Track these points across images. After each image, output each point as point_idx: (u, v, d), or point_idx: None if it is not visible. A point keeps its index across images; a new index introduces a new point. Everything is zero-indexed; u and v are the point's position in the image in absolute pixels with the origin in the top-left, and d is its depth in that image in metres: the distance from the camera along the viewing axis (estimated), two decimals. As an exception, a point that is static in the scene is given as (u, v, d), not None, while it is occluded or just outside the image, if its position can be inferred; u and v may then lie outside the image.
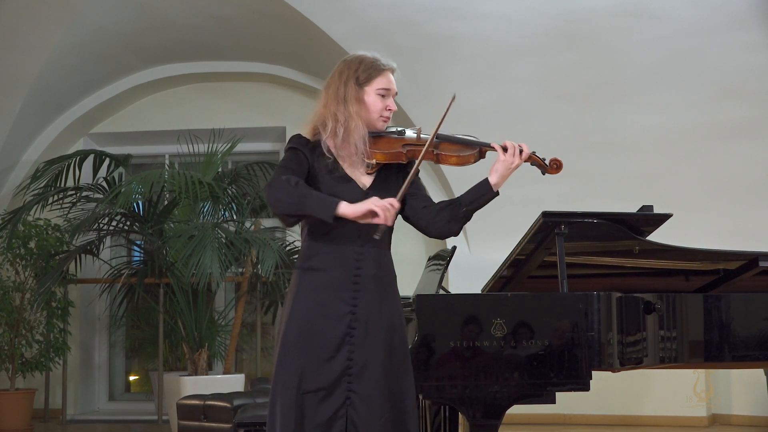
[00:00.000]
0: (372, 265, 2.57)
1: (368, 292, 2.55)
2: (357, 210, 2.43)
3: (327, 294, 2.53)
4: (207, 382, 5.80)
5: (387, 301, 2.58)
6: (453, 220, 2.62)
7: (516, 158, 2.59)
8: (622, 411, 6.52)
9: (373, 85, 2.61)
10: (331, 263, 2.55)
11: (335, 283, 2.54)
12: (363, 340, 2.52)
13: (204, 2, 6.39)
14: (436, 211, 2.64)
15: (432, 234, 2.68)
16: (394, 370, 2.54)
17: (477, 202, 2.62)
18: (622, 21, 5.76)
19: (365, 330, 2.53)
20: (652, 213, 3.37)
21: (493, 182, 2.60)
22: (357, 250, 2.55)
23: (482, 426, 2.93)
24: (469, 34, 5.99)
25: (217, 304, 7.26)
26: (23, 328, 6.63)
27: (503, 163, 2.59)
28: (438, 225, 2.64)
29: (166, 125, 7.52)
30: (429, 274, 3.73)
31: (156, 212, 6.33)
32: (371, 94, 2.61)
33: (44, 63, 6.53)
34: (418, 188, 2.69)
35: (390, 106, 2.64)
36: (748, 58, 5.78)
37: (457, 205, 2.62)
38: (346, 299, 2.53)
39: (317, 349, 2.50)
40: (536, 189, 6.42)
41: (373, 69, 2.62)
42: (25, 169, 7.26)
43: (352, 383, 2.50)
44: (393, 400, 2.53)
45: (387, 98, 2.63)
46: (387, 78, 2.64)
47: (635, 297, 3.16)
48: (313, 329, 2.52)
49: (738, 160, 6.19)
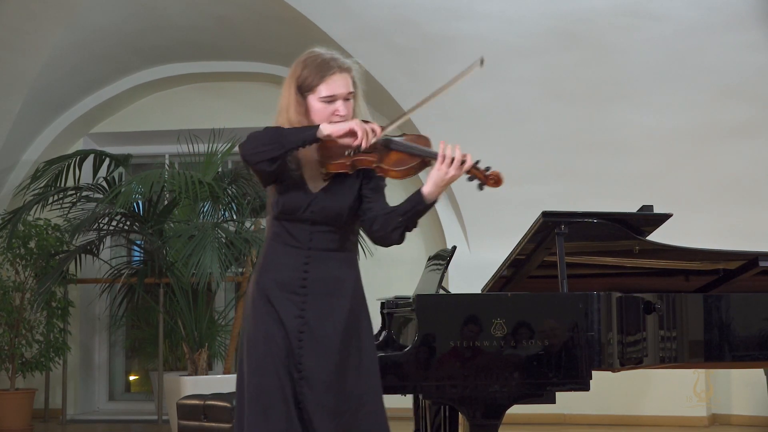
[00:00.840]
0: (322, 269, 2.53)
1: (317, 295, 2.51)
2: (339, 127, 2.42)
3: (279, 297, 2.52)
4: (207, 382, 5.80)
5: (340, 305, 2.53)
6: (391, 230, 2.52)
7: (452, 170, 2.46)
8: (622, 411, 6.52)
9: (315, 93, 2.52)
10: (282, 266, 2.54)
11: (285, 286, 2.52)
12: (312, 345, 2.48)
13: (204, 2, 6.39)
14: (377, 219, 2.54)
15: (373, 241, 2.60)
16: (351, 374, 2.50)
17: (410, 213, 2.50)
18: (622, 21, 5.76)
19: (314, 334, 2.49)
20: (652, 213, 3.37)
21: (426, 192, 2.48)
22: (306, 254, 2.53)
23: (482, 426, 2.93)
24: (469, 34, 5.99)
25: (217, 304, 7.26)
26: (23, 328, 6.63)
27: (437, 173, 2.47)
28: (377, 233, 2.55)
29: (166, 125, 7.52)
30: (429, 274, 3.73)
31: (156, 212, 6.33)
32: (315, 102, 2.52)
33: (44, 63, 6.53)
34: (373, 191, 2.58)
35: (338, 111, 2.51)
36: (748, 58, 5.78)
37: (394, 214, 2.52)
38: (295, 302, 2.51)
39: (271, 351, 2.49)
40: (536, 189, 6.43)
41: (315, 76, 2.50)
42: (25, 169, 7.26)
43: (303, 388, 2.47)
44: (350, 403, 2.48)
45: (333, 104, 2.51)
46: (332, 83, 2.50)
47: (635, 297, 3.16)
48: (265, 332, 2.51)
49: (738, 160, 6.19)
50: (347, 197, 2.55)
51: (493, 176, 2.51)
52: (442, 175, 2.47)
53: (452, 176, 2.47)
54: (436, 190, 2.49)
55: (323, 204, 2.53)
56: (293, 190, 2.54)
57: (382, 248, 2.79)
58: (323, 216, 2.53)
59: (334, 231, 2.55)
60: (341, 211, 2.55)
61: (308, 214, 2.53)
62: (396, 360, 2.91)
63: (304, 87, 2.53)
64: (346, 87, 2.53)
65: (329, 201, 2.53)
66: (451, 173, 2.47)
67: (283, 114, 2.57)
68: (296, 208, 2.53)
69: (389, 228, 2.52)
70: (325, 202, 2.53)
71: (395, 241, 2.55)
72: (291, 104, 2.55)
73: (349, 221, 2.58)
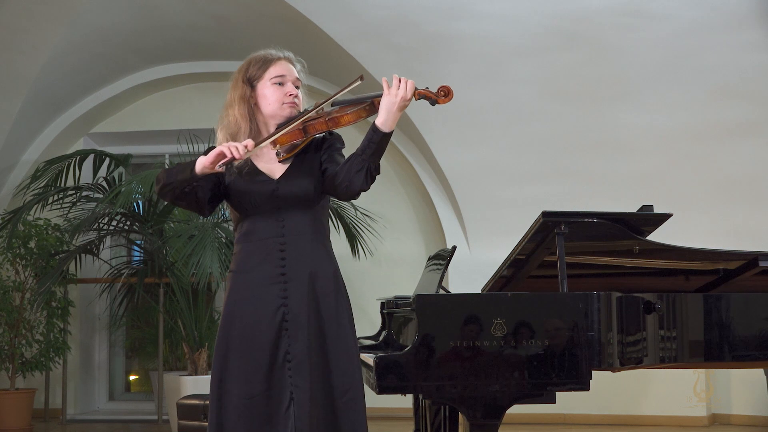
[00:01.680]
0: (299, 255, 2.55)
1: (298, 283, 2.54)
2: (209, 157, 2.46)
3: (258, 292, 2.53)
4: (207, 382, 5.76)
5: (320, 292, 2.56)
6: (354, 173, 2.49)
7: (401, 91, 2.47)
8: (622, 411, 6.52)
9: (264, 78, 2.63)
10: (258, 261, 2.55)
11: (264, 279, 2.54)
12: (297, 331, 2.51)
13: (204, 2, 6.39)
14: (338, 171, 2.54)
15: (340, 195, 2.58)
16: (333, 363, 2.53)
17: (370, 148, 2.49)
18: (622, 21, 5.76)
19: (298, 321, 2.52)
20: (652, 213, 3.37)
21: (380, 122, 2.48)
22: (281, 241, 2.55)
23: (482, 426, 2.93)
24: (469, 33, 5.99)
25: (217, 303, 7.26)
26: (23, 327, 6.63)
27: (388, 98, 2.48)
28: (341, 184, 2.52)
29: (166, 125, 7.52)
30: (429, 274, 3.73)
31: (156, 212, 6.33)
32: (267, 87, 2.62)
33: (44, 63, 6.53)
34: (330, 159, 2.62)
35: (290, 91, 2.63)
36: (748, 58, 5.78)
37: (353, 157, 2.52)
38: (277, 293, 2.53)
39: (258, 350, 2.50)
40: (536, 189, 6.43)
41: (262, 63, 2.64)
42: (25, 168, 7.26)
43: (293, 377, 2.49)
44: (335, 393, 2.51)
45: (285, 85, 2.63)
46: (280, 66, 2.64)
47: (635, 297, 3.16)
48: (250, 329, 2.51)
49: (738, 159, 6.19)
50: (311, 176, 2.59)
51: (442, 90, 2.56)
52: (392, 99, 2.48)
53: (401, 98, 2.47)
54: (389, 116, 2.48)
55: (288, 188, 2.56)
56: (253, 185, 2.57)
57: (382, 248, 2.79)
58: (291, 199, 2.56)
59: (304, 212, 2.58)
60: (307, 191, 2.58)
61: (277, 201, 2.56)
62: (396, 360, 2.90)
63: (252, 78, 2.63)
64: (293, 73, 2.66)
65: (293, 183, 2.56)
66: (401, 95, 2.47)
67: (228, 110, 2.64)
68: (261, 198, 2.56)
69: (352, 172, 2.50)
70: (290, 185, 2.56)
71: (360, 185, 2.51)
72: (236, 97, 2.63)
73: (317, 199, 2.60)
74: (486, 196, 6.49)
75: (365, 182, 2.51)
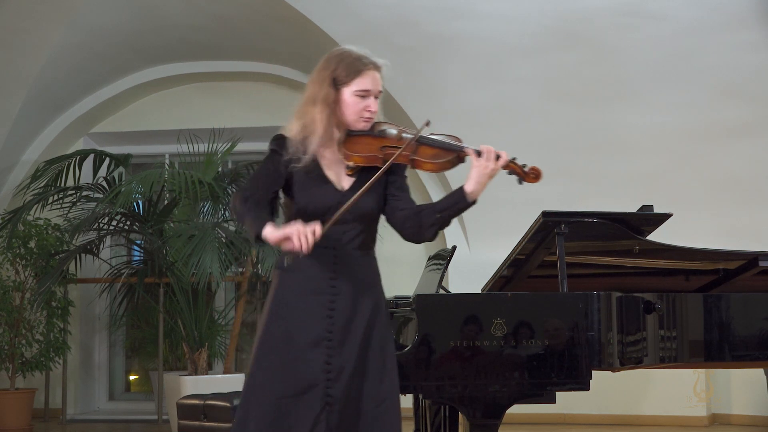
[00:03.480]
0: (350, 268, 2.53)
1: (346, 295, 2.51)
2: (275, 235, 2.39)
3: (305, 296, 2.50)
4: (207, 382, 5.80)
5: (366, 304, 2.53)
6: (426, 227, 2.53)
7: (490, 163, 2.48)
8: (622, 411, 6.52)
9: (351, 86, 2.51)
10: (310, 265, 2.51)
11: (313, 285, 2.50)
12: (341, 344, 2.48)
13: (204, 2, 6.39)
14: (410, 216, 2.55)
15: (406, 238, 2.60)
16: (374, 373, 2.51)
17: (450, 210, 2.52)
18: (622, 21, 5.76)
19: (343, 334, 2.49)
20: (652, 213, 3.37)
21: (469, 190, 2.50)
22: (335, 254, 2.51)
23: (482, 425, 2.93)
24: (469, 33, 5.99)
25: (217, 303, 7.26)
26: (23, 327, 6.63)
27: (477, 169, 2.49)
28: (410, 230, 2.55)
29: (166, 125, 7.52)
30: (429, 274, 3.73)
31: (156, 212, 6.33)
32: (349, 95, 2.52)
33: (44, 63, 6.53)
34: (400, 189, 2.61)
35: (369, 107, 2.53)
36: (748, 58, 5.78)
37: (431, 211, 2.53)
38: (323, 302, 2.50)
39: (295, 352, 2.47)
40: (536, 189, 6.42)
41: (352, 69, 2.51)
42: (25, 168, 7.26)
43: (330, 387, 2.46)
44: (372, 403, 2.49)
45: (366, 99, 2.53)
46: (367, 78, 2.52)
47: (635, 297, 3.16)
48: (292, 332, 2.49)
49: (738, 160, 6.19)
50: (375, 195, 2.54)
51: (532, 172, 2.57)
52: (482, 170, 2.50)
53: (491, 170, 2.50)
54: (478, 187, 2.51)
55: (357, 201, 2.48)
56: (319, 190, 2.52)
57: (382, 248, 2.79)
58: (354, 214, 2.51)
59: (362, 230, 2.55)
60: (372, 209, 2.55)
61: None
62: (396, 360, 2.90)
63: (339, 80, 2.52)
64: (378, 85, 2.55)
65: (362, 197, 2.47)
66: (490, 167, 2.50)
67: (309, 107, 2.54)
68: (326, 207, 2.49)
69: (425, 225, 2.53)
70: (359, 199, 2.48)
71: (428, 238, 2.56)
72: (320, 96, 2.52)
73: (376, 219, 2.59)
74: (486, 196, 6.43)
75: (433, 236, 2.56)
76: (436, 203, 2.55)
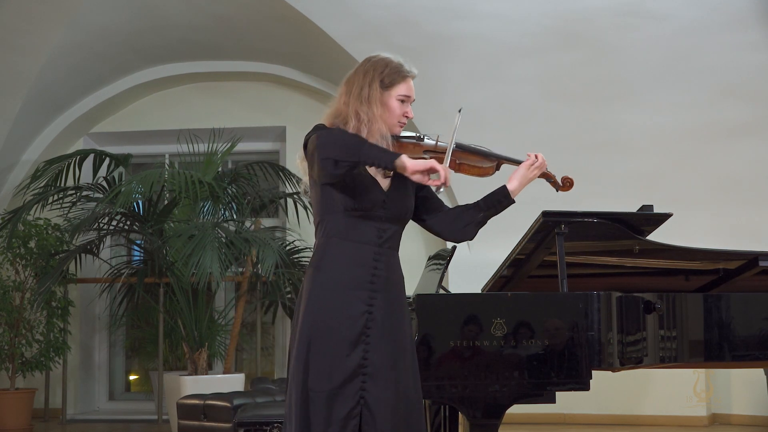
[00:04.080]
0: (387, 266, 2.58)
1: (383, 293, 2.56)
2: (418, 163, 2.39)
3: (344, 293, 2.52)
4: (207, 382, 5.81)
5: (398, 303, 2.59)
6: (470, 225, 2.74)
7: (536, 169, 2.77)
8: (622, 411, 6.52)
9: (395, 90, 2.62)
10: (350, 263, 2.54)
11: (353, 282, 2.53)
12: (378, 341, 2.52)
13: (204, 1, 6.39)
14: (454, 216, 2.73)
15: (449, 238, 2.77)
16: (405, 372, 2.55)
17: (495, 208, 2.75)
18: (622, 20, 5.76)
19: (380, 331, 2.52)
20: (652, 212, 3.37)
21: (512, 189, 2.74)
22: (375, 251, 2.56)
23: (482, 425, 2.93)
24: (469, 33, 5.99)
25: (217, 303, 7.27)
26: (23, 327, 6.63)
27: (524, 171, 2.76)
28: (456, 230, 2.74)
29: (166, 125, 7.52)
30: (429, 274, 3.73)
31: (156, 212, 6.33)
32: (393, 99, 2.61)
33: (44, 63, 6.53)
34: (432, 192, 2.73)
35: (408, 113, 2.65)
36: (748, 58, 5.78)
37: (475, 210, 2.73)
38: (363, 299, 2.53)
39: (333, 347, 2.49)
40: (536, 189, 6.42)
41: (398, 74, 2.63)
42: (25, 168, 7.26)
43: (366, 383, 2.49)
44: (405, 401, 2.53)
45: (406, 104, 2.64)
46: (408, 84, 2.64)
47: (635, 297, 3.16)
48: (330, 327, 2.50)
49: (738, 160, 6.19)
50: (411, 197, 2.66)
51: (567, 181, 2.88)
52: (528, 173, 2.77)
53: (534, 176, 2.80)
54: (520, 187, 2.76)
55: (397, 202, 2.59)
56: (365, 186, 2.55)
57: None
58: (395, 213, 2.59)
59: (399, 229, 2.63)
60: (409, 210, 2.66)
61: (383, 212, 2.56)
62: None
63: (386, 82, 2.61)
64: (413, 92, 2.68)
65: (401, 199, 2.60)
66: (535, 173, 2.78)
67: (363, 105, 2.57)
68: (373, 204, 2.54)
69: (470, 224, 2.74)
70: (398, 200, 2.60)
71: (470, 237, 2.76)
72: (375, 97, 2.58)
73: (408, 220, 2.68)
74: (486, 196, 6.49)
75: (475, 235, 2.78)
76: (478, 202, 2.75)
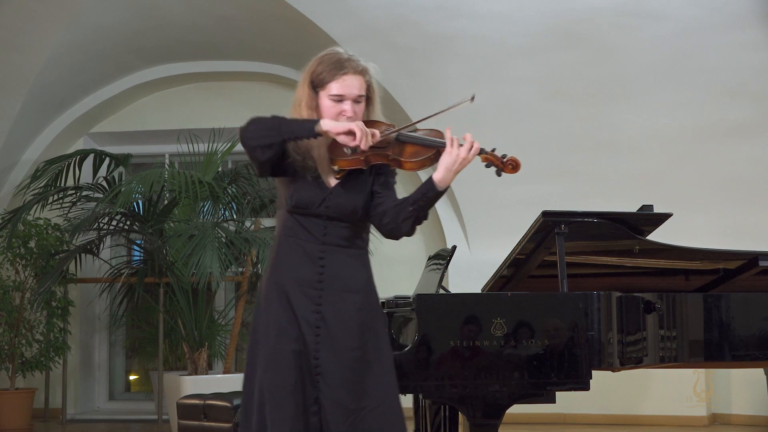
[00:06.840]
0: (337, 263, 2.53)
1: (333, 291, 2.51)
2: (339, 125, 2.41)
3: (293, 290, 2.51)
4: (207, 382, 5.80)
5: (355, 301, 2.52)
6: (401, 220, 2.52)
7: (462, 152, 2.46)
8: (622, 411, 6.52)
9: (326, 90, 2.53)
10: (297, 261, 2.52)
11: (301, 280, 2.51)
12: (328, 340, 2.48)
13: (204, 1, 6.39)
14: (386, 211, 2.55)
15: (384, 234, 2.60)
16: (369, 371, 2.50)
17: (422, 200, 2.50)
18: (622, 20, 5.76)
19: (330, 330, 2.49)
20: (652, 212, 3.37)
21: (437, 179, 2.48)
22: (320, 248, 2.52)
23: (482, 425, 2.93)
24: (469, 33, 5.99)
25: (217, 303, 7.26)
26: (23, 327, 6.63)
27: (447, 157, 2.46)
28: (388, 226, 2.55)
29: (166, 125, 7.52)
30: (429, 274, 3.73)
31: (156, 212, 6.33)
32: (325, 99, 2.53)
33: (44, 63, 6.53)
34: (383, 187, 2.60)
35: (345, 112, 2.51)
36: (748, 58, 5.78)
37: (404, 204, 2.53)
38: (312, 297, 2.50)
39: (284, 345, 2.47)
40: (536, 189, 6.43)
41: (328, 73, 2.52)
42: (25, 168, 7.26)
43: (319, 383, 2.47)
44: (367, 400, 2.48)
45: (342, 103, 2.52)
46: (342, 83, 2.51)
47: (635, 296, 3.16)
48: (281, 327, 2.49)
49: (738, 160, 6.19)
50: (361, 194, 2.56)
51: (510, 162, 2.53)
52: (453, 158, 2.47)
53: (463, 159, 2.47)
54: (448, 175, 2.48)
55: (338, 200, 2.53)
56: (308, 185, 2.53)
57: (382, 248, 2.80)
58: (338, 211, 2.53)
59: (348, 227, 2.55)
60: (356, 207, 2.55)
61: (323, 209, 2.53)
62: (396, 359, 2.90)
63: (316, 82, 2.55)
64: (358, 89, 2.54)
65: (344, 197, 2.53)
66: (461, 155, 2.47)
67: (296, 108, 2.58)
68: (311, 202, 2.52)
69: (400, 219, 2.52)
70: (341, 198, 2.53)
71: (405, 232, 2.55)
72: (304, 98, 2.56)
73: (363, 217, 2.58)
74: (486, 196, 6.49)
75: (410, 230, 2.55)
76: (408, 196, 2.54)
